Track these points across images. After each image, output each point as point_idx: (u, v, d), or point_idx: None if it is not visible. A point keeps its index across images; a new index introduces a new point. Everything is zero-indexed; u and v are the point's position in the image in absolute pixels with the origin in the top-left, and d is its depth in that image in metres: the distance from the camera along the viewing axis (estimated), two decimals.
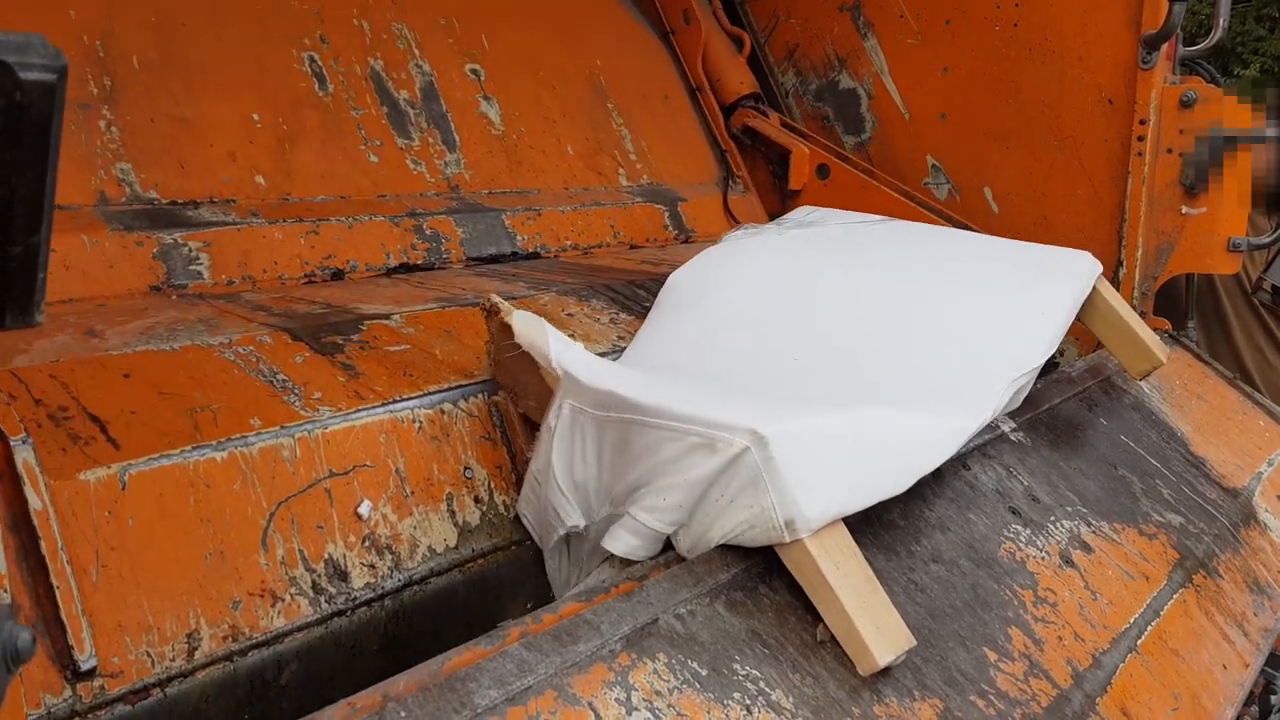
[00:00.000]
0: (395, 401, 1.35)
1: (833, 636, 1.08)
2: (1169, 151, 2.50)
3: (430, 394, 1.39)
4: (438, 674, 0.88)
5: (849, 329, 1.62)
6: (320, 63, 2.06)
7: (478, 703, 0.85)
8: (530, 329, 1.33)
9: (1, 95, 0.45)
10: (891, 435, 1.25)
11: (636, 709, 0.92)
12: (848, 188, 2.94)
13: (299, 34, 2.05)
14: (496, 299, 1.41)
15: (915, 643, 1.08)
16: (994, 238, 2.21)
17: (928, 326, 1.62)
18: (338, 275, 1.89)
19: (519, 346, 1.32)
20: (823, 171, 2.96)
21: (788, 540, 1.06)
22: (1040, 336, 1.62)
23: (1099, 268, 1.82)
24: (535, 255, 2.27)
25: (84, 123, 1.66)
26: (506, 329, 1.37)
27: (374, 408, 1.32)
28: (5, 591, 0.55)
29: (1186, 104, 2.45)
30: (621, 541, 1.16)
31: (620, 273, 2.08)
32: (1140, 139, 2.48)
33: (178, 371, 1.27)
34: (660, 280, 1.85)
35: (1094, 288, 1.80)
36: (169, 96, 1.79)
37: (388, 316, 1.58)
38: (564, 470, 1.25)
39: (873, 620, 1.06)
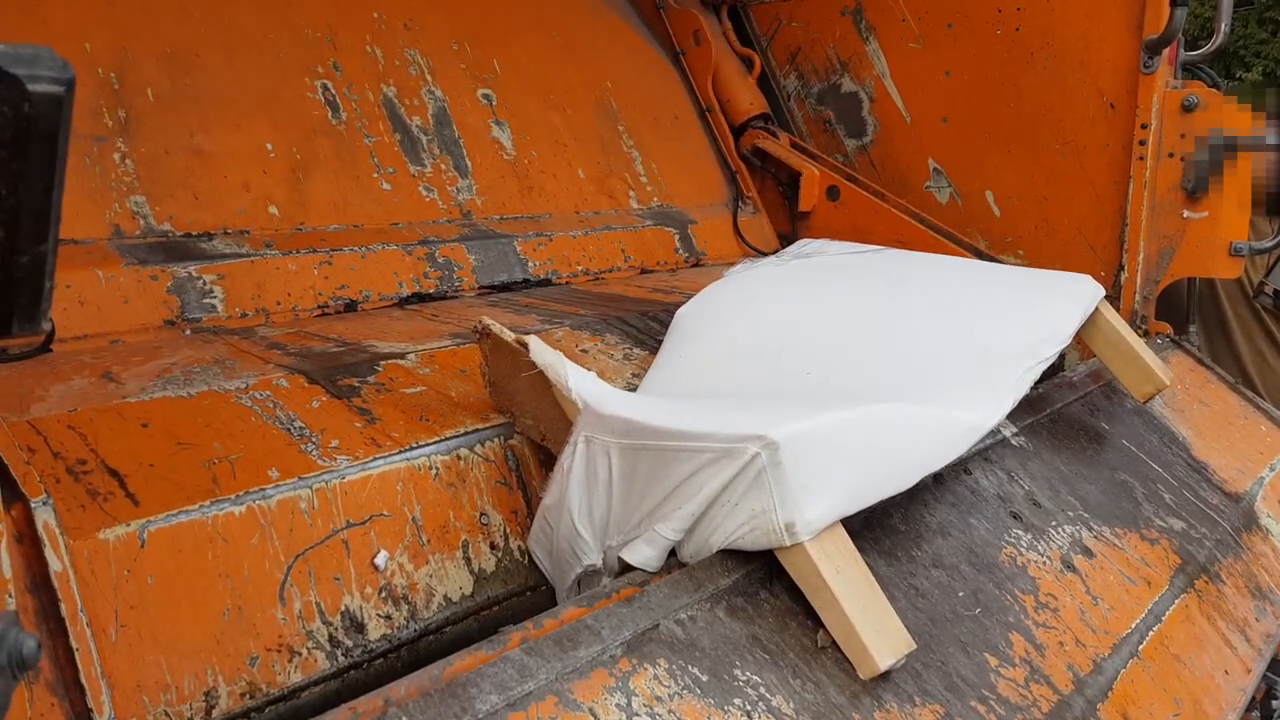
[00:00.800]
0: (412, 449, 1.33)
1: (833, 641, 1.08)
2: (1170, 156, 2.50)
3: (447, 439, 1.37)
4: (439, 679, 0.88)
5: (859, 342, 1.62)
6: (333, 90, 2.06)
7: (479, 708, 0.85)
8: (546, 353, 1.33)
9: (9, 107, 0.45)
10: (904, 428, 1.25)
11: (637, 715, 0.92)
12: (858, 209, 2.93)
13: (312, 62, 2.06)
14: (488, 321, 1.40)
15: (915, 646, 1.08)
16: (996, 264, 2.22)
17: (936, 334, 1.62)
18: (350, 307, 1.88)
19: (532, 366, 1.31)
20: (833, 193, 2.95)
21: (788, 544, 1.07)
22: (1046, 335, 1.63)
23: (1101, 291, 1.82)
24: (547, 282, 2.26)
25: (99, 156, 1.66)
26: (501, 349, 1.37)
27: (391, 455, 1.30)
28: (10, 598, 0.55)
29: (1188, 108, 2.45)
30: (638, 553, 1.16)
31: (633, 303, 2.07)
32: (1142, 143, 2.49)
33: (195, 419, 1.26)
34: (673, 310, 1.85)
35: (1096, 309, 1.80)
36: (183, 128, 1.79)
37: (403, 356, 1.55)
38: (581, 508, 1.23)
39: (873, 624, 1.06)
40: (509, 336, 1.37)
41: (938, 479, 1.48)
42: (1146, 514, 1.71)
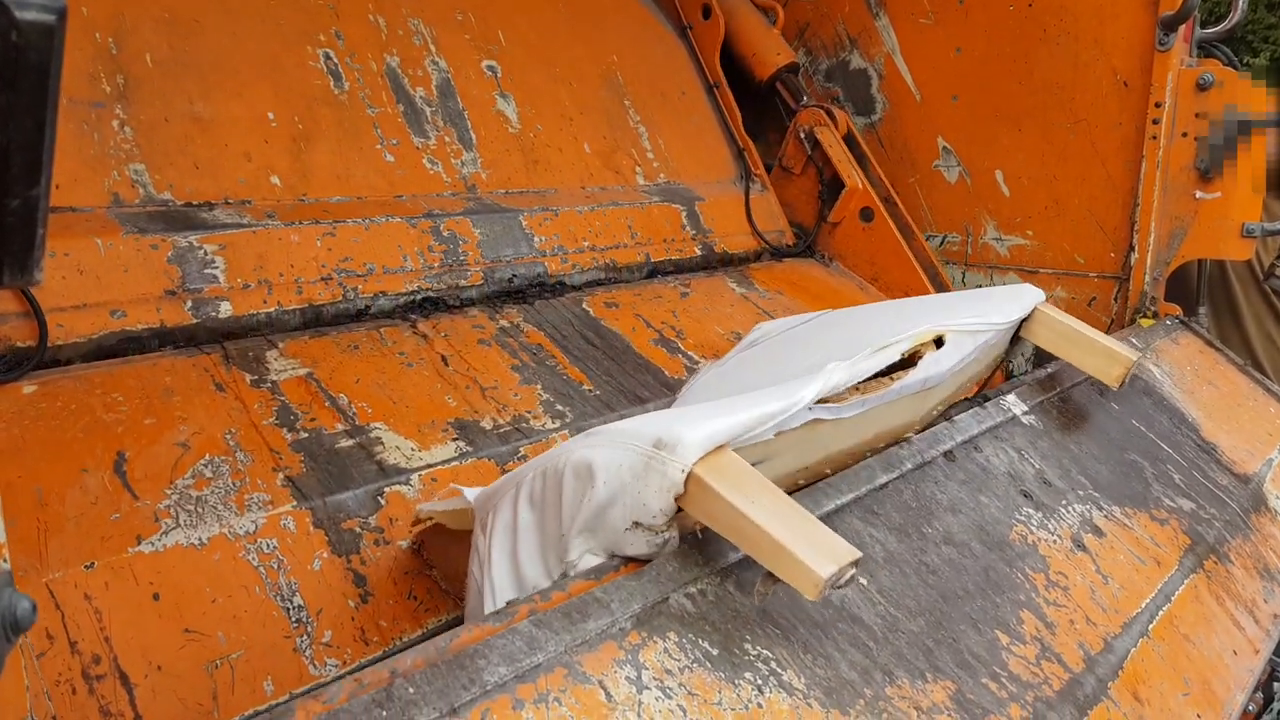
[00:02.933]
0: (394, 650, 1.34)
1: (774, 583, 0.99)
2: (1184, 135, 2.46)
3: (431, 630, 1.39)
4: (445, 651, 0.86)
5: (808, 361, 1.58)
6: (336, 60, 2.02)
7: (486, 680, 0.83)
8: (439, 505, 1.31)
9: None
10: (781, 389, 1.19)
11: (647, 687, 0.91)
12: (880, 243, 2.88)
13: (314, 30, 2.01)
14: (423, 510, 1.39)
15: (860, 554, 0.98)
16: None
17: (878, 332, 1.59)
18: (360, 315, 1.83)
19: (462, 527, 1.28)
20: (866, 215, 2.88)
21: (680, 476, 0.98)
22: (980, 315, 1.60)
23: (1041, 294, 1.76)
24: (560, 285, 2.22)
25: (96, 122, 1.62)
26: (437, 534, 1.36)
27: (376, 659, 1.31)
28: (5, 560, 0.53)
29: (1203, 87, 2.42)
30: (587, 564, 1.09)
31: (633, 362, 2.01)
32: (1155, 122, 2.45)
33: (204, 590, 1.27)
34: (672, 385, 1.82)
35: (1036, 309, 1.73)
36: (182, 95, 1.75)
37: (407, 479, 1.51)
38: (508, 578, 1.16)
39: (805, 540, 0.96)
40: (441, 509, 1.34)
41: (948, 456, 1.46)
42: (1156, 494, 1.69)
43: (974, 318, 1.58)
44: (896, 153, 3.01)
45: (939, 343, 1.49)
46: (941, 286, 2.84)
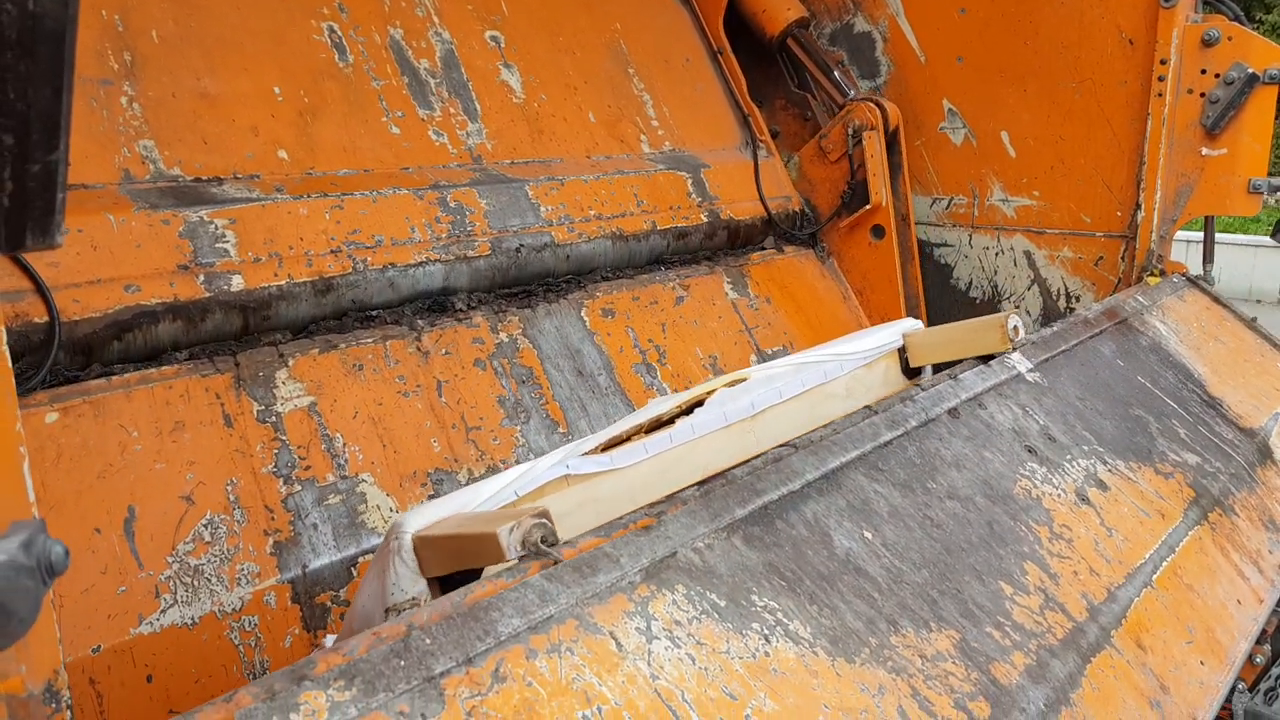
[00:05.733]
0: None
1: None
2: (1189, 92, 2.45)
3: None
4: (460, 604, 0.89)
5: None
6: (340, 33, 2.03)
7: (501, 631, 0.86)
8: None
9: (13, 4, 0.44)
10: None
11: (657, 638, 0.94)
12: (877, 266, 2.89)
13: (317, 3, 2.02)
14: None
15: (545, 508, 1.01)
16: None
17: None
18: (366, 322, 1.87)
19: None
20: (878, 232, 2.88)
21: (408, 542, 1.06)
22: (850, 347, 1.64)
23: (919, 323, 1.78)
24: (574, 280, 2.25)
25: (105, 99, 1.64)
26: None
27: None
28: (35, 511, 0.56)
29: (1209, 43, 2.39)
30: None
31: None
32: (1161, 79, 2.44)
33: (189, 670, 1.38)
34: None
35: (909, 333, 1.74)
36: (189, 71, 1.76)
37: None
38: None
39: (487, 522, 1.01)
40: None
41: (953, 413, 1.47)
42: (1161, 448, 1.71)
43: (822, 354, 1.61)
44: (904, 114, 2.99)
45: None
46: (917, 318, 2.87)
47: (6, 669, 0.50)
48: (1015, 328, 1.69)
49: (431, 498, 1.80)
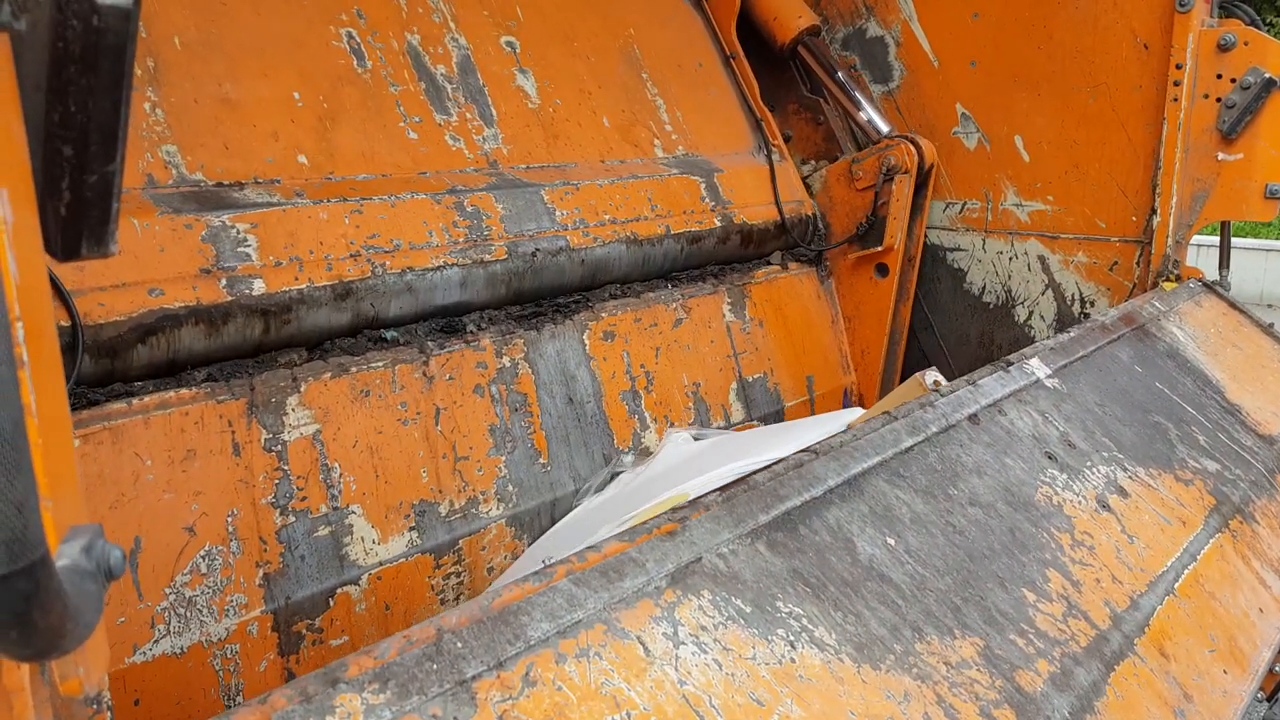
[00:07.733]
0: None
1: None
2: (1205, 97, 2.44)
3: None
4: (489, 608, 0.90)
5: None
6: (358, 39, 2.04)
7: (530, 635, 0.87)
8: None
9: (79, 20, 0.45)
10: None
11: (683, 643, 0.94)
12: (877, 299, 2.92)
13: (336, 10, 2.03)
14: None
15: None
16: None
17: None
18: (379, 340, 1.89)
19: None
20: (882, 270, 2.89)
21: None
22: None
23: (860, 411, 1.84)
24: (588, 289, 2.28)
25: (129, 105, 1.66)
26: None
27: None
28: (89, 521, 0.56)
29: (1225, 47, 2.39)
30: None
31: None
32: (1176, 84, 2.43)
33: (175, 690, 1.44)
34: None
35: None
36: (211, 77, 1.78)
37: (357, 579, 1.72)
38: None
39: None
40: None
41: (973, 419, 1.48)
42: (1181, 455, 1.70)
43: (762, 458, 1.65)
44: (915, 120, 3.00)
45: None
46: (892, 357, 2.95)
47: (66, 671, 0.51)
48: (935, 381, 1.79)
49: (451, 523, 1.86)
